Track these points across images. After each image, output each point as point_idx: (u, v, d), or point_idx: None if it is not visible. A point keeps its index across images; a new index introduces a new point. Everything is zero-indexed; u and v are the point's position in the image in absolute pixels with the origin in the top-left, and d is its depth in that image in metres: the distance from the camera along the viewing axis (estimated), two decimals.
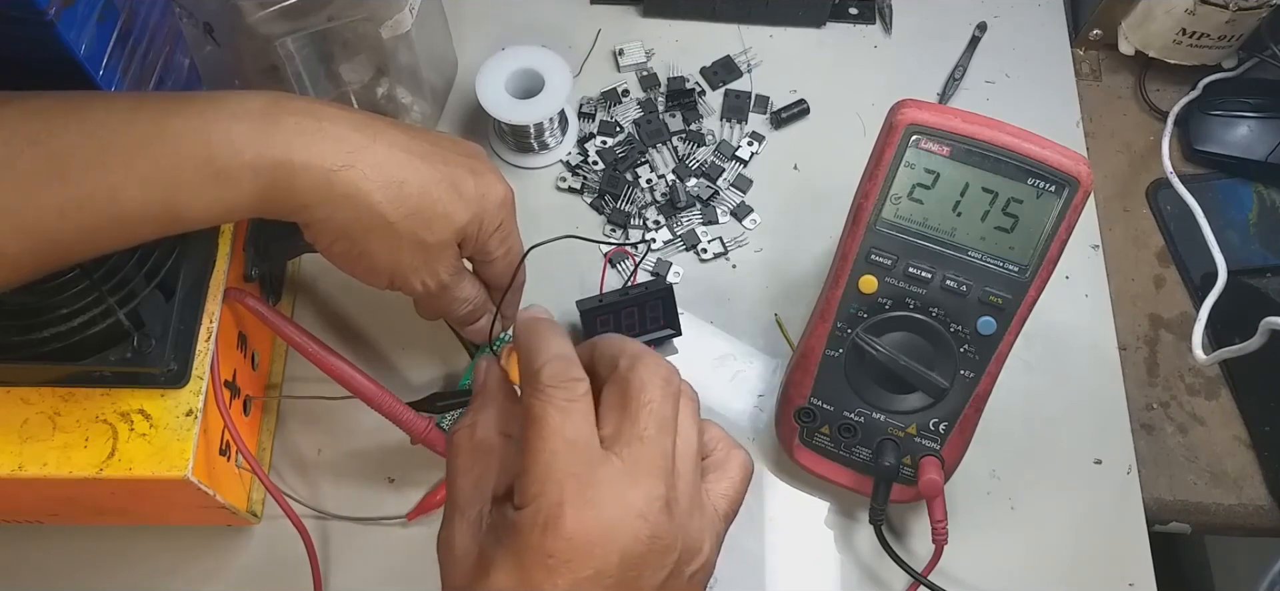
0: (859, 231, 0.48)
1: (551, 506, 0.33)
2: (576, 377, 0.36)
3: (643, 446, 0.35)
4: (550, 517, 0.33)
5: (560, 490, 0.34)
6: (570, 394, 0.35)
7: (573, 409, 0.35)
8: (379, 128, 0.43)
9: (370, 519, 0.55)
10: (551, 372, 0.36)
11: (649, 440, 0.35)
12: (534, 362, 0.36)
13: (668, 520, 0.35)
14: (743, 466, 0.40)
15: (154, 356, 0.45)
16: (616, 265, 0.63)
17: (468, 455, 0.38)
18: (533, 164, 0.66)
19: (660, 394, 0.36)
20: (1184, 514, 0.58)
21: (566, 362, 0.36)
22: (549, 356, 0.36)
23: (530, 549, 0.33)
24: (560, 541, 0.33)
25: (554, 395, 0.35)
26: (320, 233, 0.43)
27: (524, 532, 0.34)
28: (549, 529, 0.33)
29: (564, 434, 0.34)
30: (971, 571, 0.54)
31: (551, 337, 0.38)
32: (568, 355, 0.37)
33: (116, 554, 0.54)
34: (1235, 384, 0.61)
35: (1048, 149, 0.46)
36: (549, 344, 0.37)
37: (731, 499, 0.39)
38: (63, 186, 0.37)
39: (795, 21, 0.72)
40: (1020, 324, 0.49)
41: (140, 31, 0.49)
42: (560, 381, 0.35)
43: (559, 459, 0.34)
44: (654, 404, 0.36)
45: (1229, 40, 0.68)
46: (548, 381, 0.35)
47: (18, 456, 0.44)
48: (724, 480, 0.39)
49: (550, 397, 0.35)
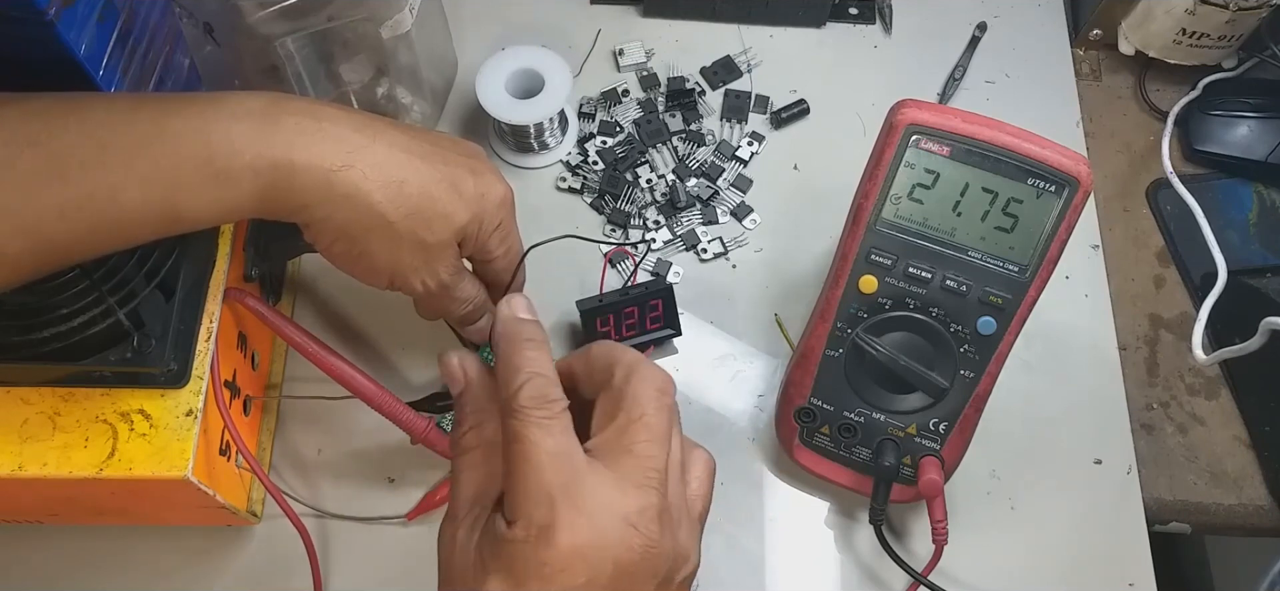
0: (859, 231, 0.48)
1: (542, 518, 0.34)
2: (554, 398, 0.36)
3: (635, 459, 0.35)
4: (542, 530, 0.34)
5: (550, 502, 0.34)
6: (548, 412, 0.35)
7: (552, 425, 0.35)
8: (379, 128, 0.43)
9: (370, 519, 0.55)
10: (529, 393, 0.36)
11: (643, 453, 0.36)
12: (511, 383, 0.36)
13: (660, 530, 0.35)
14: (707, 465, 0.40)
15: (154, 356, 0.45)
16: (616, 265, 0.63)
17: (473, 456, 0.38)
18: (533, 164, 0.66)
19: (655, 407, 0.37)
20: (1184, 514, 0.58)
21: (544, 382, 0.36)
22: (526, 376, 0.36)
23: (524, 561, 0.34)
24: (553, 551, 0.33)
25: (532, 414, 0.35)
26: (320, 233, 0.43)
27: (517, 544, 0.34)
28: (541, 541, 0.33)
29: (546, 448, 0.35)
30: (971, 571, 0.54)
31: (528, 353, 0.37)
32: (545, 373, 0.37)
33: (116, 554, 0.54)
34: (1235, 384, 0.61)
35: (1048, 149, 0.46)
36: (525, 362, 0.37)
37: (705, 499, 0.40)
38: (63, 186, 0.37)
39: (795, 21, 0.72)
40: (1020, 324, 0.49)
41: (140, 31, 0.49)
42: (538, 402, 0.35)
43: (545, 473, 0.34)
44: (648, 417, 0.36)
45: (1229, 40, 0.68)
46: (525, 402, 0.35)
47: (18, 456, 0.44)
48: (694, 481, 0.39)
49: (528, 417, 0.35)
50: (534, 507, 0.34)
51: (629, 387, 0.37)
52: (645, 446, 0.36)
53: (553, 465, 0.34)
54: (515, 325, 0.39)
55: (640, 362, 0.38)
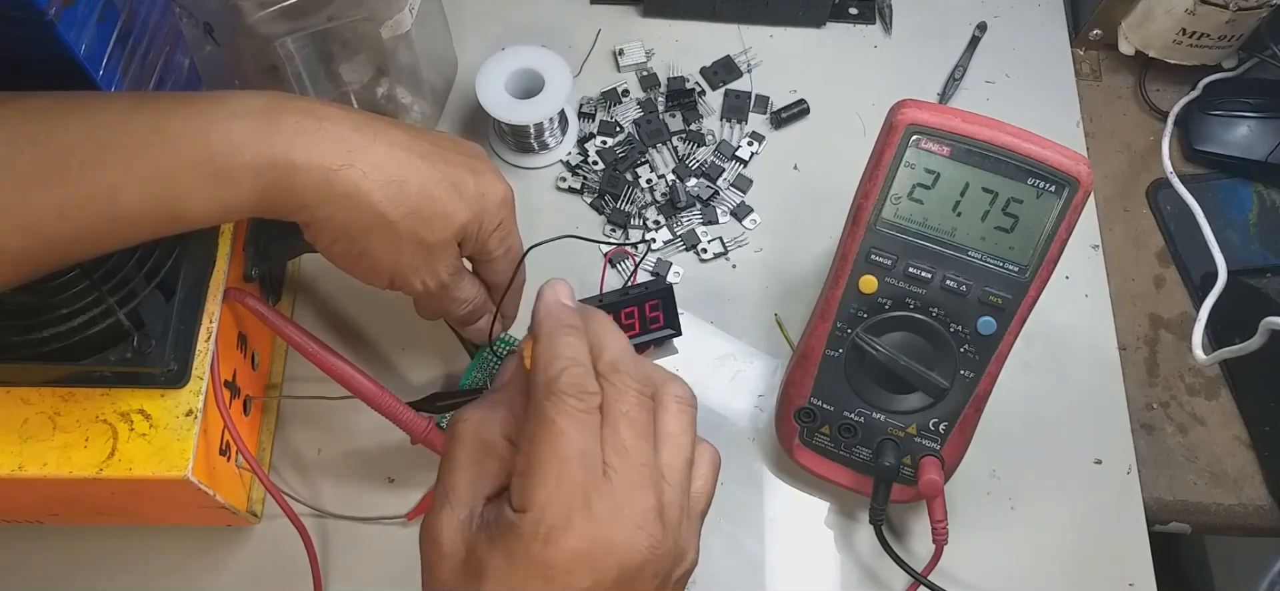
0: (859, 231, 0.48)
1: (557, 517, 0.33)
2: (593, 390, 0.35)
3: (628, 456, 0.35)
4: (553, 529, 0.33)
5: (568, 503, 0.33)
6: (587, 405, 0.35)
7: (587, 421, 0.34)
8: (379, 127, 0.43)
9: (370, 518, 0.55)
10: (570, 379, 0.35)
11: (631, 449, 0.35)
12: (552, 366, 0.35)
13: (661, 529, 0.35)
14: (712, 462, 0.40)
15: (154, 356, 0.45)
16: (616, 265, 0.63)
17: (470, 448, 0.37)
18: (533, 164, 0.66)
19: (637, 405, 0.36)
20: (1184, 514, 0.58)
21: (583, 372, 0.35)
22: (568, 361, 0.35)
23: (527, 557, 0.33)
24: (561, 553, 0.33)
25: (570, 403, 0.34)
26: (320, 232, 0.43)
27: (524, 539, 0.33)
28: (551, 540, 0.33)
29: (577, 444, 0.34)
30: (971, 571, 0.54)
31: (570, 339, 0.36)
32: (584, 364, 0.36)
33: (116, 554, 0.54)
34: (1235, 384, 0.61)
35: (1048, 149, 0.46)
36: (567, 346, 0.36)
37: (707, 495, 0.39)
38: (62, 185, 0.37)
39: (795, 21, 0.72)
40: (1020, 324, 0.48)
41: (140, 31, 0.49)
42: (578, 391, 0.35)
43: (571, 470, 0.33)
44: (632, 414, 0.36)
45: (1229, 40, 0.68)
46: (565, 387, 0.35)
47: (18, 456, 0.44)
48: (698, 478, 0.39)
49: (565, 405, 0.34)
50: (547, 506, 0.33)
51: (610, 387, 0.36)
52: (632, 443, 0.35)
53: (579, 463, 0.34)
54: (558, 309, 0.38)
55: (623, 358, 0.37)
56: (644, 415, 0.36)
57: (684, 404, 0.38)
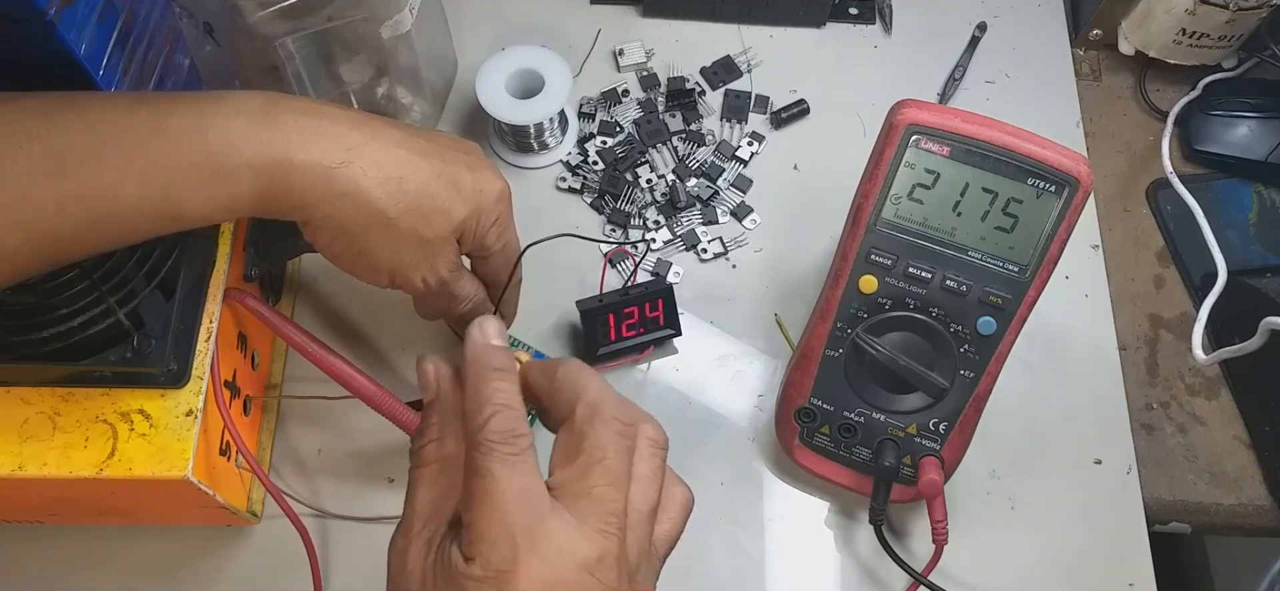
0: (859, 231, 0.48)
1: (502, 561, 0.33)
2: (521, 432, 0.35)
3: (593, 502, 0.35)
4: (500, 574, 0.33)
5: (511, 544, 0.33)
6: (514, 448, 0.34)
7: (517, 462, 0.34)
8: (377, 126, 0.43)
9: (370, 518, 0.55)
10: (496, 427, 0.35)
11: (600, 496, 0.35)
12: (479, 414, 0.35)
13: (617, 576, 0.34)
14: (683, 506, 0.39)
15: (154, 356, 0.45)
16: (616, 265, 0.63)
17: (433, 469, 0.37)
18: (533, 164, 0.66)
19: (614, 450, 0.35)
20: (1184, 514, 0.58)
21: (512, 415, 0.35)
22: (494, 408, 0.35)
23: None
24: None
25: (498, 449, 0.34)
26: (320, 231, 0.43)
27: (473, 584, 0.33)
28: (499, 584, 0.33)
29: (510, 487, 0.34)
30: (971, 571, 0.54)
31: (497, 384, 0.36)
32: (513, 406, 0.36)
33: (116, 554, 0.54)
34: (1235, 384, 0.61)
35: (1048, 149, 0.46)
36: (494, 393, 0.36)
37: (672, 539, 0.38)
38: (61, 182, 0.37)
39: (795, 21, 0.72)
40: (1020, 324, 0.49)
41: (140, 31, 0.49)
42: (505, 437, 0.35)
43: (508, 513, 0.33)
44: (608, 461, 0.35)
45: (1229, 40, 0.68)
46: (491, 436, 0.34)
47: (18, 456, 0.44)
48: (666, 522, 0.38)
49: (494, 452, 0.34)
50: (492, 548, 0.33)
51: (591, 431, 0.36)
52: (604, 490, 0.35)
53: (516, 505, 0.33)
54: (485, 352, 0.37)
55: (603, 400, 0.37)
56: (621, 462, 0.36)
57: (656, 447, 0.37)
